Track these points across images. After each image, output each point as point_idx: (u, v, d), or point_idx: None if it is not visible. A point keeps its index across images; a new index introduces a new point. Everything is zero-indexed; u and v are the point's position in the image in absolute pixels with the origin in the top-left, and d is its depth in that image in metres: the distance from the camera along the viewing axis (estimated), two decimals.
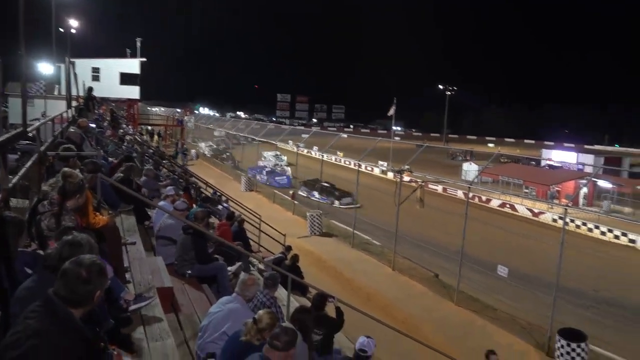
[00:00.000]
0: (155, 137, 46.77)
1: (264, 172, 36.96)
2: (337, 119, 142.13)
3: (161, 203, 9.17)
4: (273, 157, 44.14)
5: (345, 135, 42.74)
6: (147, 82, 43.78)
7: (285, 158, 43.75)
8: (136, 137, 23.98)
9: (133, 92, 38.49)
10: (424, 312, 13.85)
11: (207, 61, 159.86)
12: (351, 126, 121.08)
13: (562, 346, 10.42)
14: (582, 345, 10.35)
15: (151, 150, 20.92)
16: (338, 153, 46.05)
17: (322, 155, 31.43)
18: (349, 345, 7.55)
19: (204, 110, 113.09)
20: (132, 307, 4.66)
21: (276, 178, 35.62)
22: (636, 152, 78.93)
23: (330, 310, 7.25)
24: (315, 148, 46.92)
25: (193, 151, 48.57)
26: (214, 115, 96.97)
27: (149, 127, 50.07)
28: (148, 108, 75.73)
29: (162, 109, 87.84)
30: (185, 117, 60.15)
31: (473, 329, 12.96)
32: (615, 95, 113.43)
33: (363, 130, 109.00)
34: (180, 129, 52.06)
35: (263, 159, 43.81)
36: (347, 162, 44.25)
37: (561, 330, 10.70)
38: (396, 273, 17.29)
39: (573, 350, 10.35)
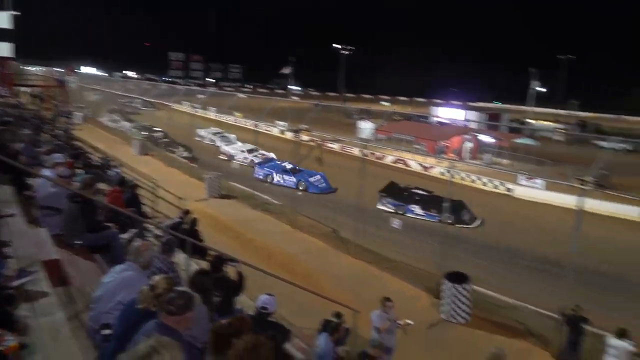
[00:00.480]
0: (36, 99, 42.77)
1: (285, 172, 26.42)
2: (234, 78, 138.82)
3: (47, 171, 8.52)
4: (215, 136, 36.43)
5: (243, 95, 42.02)
6: (25, 39, 39.41)
7: (234, 136, 36.16)
8: (11, 99, 21.81)
9: (4, 49, 34.71)
10: (324, 266, 14.36)
11: (93, 16, 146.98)
12: (248, 86, 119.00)
13: (448, 288, 11.36)
14: (465, 286, 11.35)
15: (28, 114, 19.19)
16: (236, 114, 45.27)
17: (220, 117, 30.77)
18: (251, 304, 7.67)
19: (90, 70, 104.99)
20: (15, 283, 4.37)
21: (310, 179, 25.63)
22: (514, 108, 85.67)
23: (233, 272, 7.31)
24: (212, 109, 45.79)
25: (79, 114, 44.94)
26: (101, 75, 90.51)
27: (24, 89, 45.68)
28: (24, 67, 68.82)
29: (43, 68, 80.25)
30: (68, 77, 55.48)
31: (370, 279, 13.68)
32: (498, 54, 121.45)
33: (261, 90, 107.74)
34: (63, 90, 47.99)
35: (199, 138, 36.11)
36: (246, 123, 43.74)
37: (447, 274, 11.63)
38: (296, 231, 17.64)
39: (458, 291, 11.32)
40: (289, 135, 36.49)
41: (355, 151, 35.04)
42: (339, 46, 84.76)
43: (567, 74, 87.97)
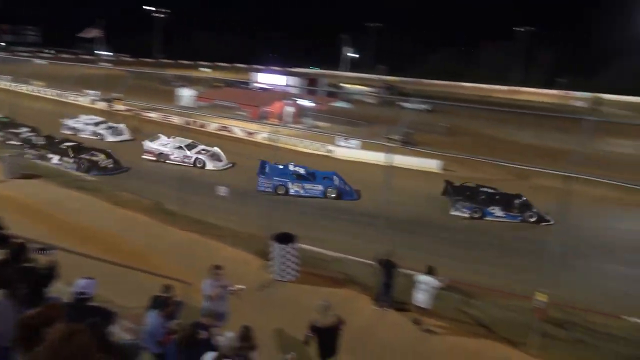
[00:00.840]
0: None
1: (303, 179, 21.39)
2: (31, 42, 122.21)
3: None
4: (99, 127, 28.92)
5: (42, 62, 37.41)
6: None
7: (124, 126, 29.43)
8: None
9: None
10: (151, 241, 13.76)
11: None
12: (49, 51, 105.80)
13: (276, 249, 11.74)
14: (292, 245, 11.85)
15: None
16: (35, 82, 40.16)
17: (15, 86, 27.06)
18: (69, 291, 7.07)
19: None
20: None
21: (334, 183, 21.50)
22: (330, 73, 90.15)
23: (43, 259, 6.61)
24: (5, 77, 39.96)
25: None
26: None
27: None
28: None
29: None
30: None
31: (200, 249, 13.50)
32: (313, 21, 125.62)
33: (64, 55, 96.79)
34: None
35: (69, 131, 28.37)
36: (48, 93, 39.17)
37: (274, 236, 11.97)
38: (117, 207, 16.54)
39: (286, 251, 11.76)
40: (100, 105, 33.75)
41: (176, 120, 33.83)
42: (152, 8, 79.75)
43: (375, 41, 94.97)
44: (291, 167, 21.85)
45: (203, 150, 25.11)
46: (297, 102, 37.80)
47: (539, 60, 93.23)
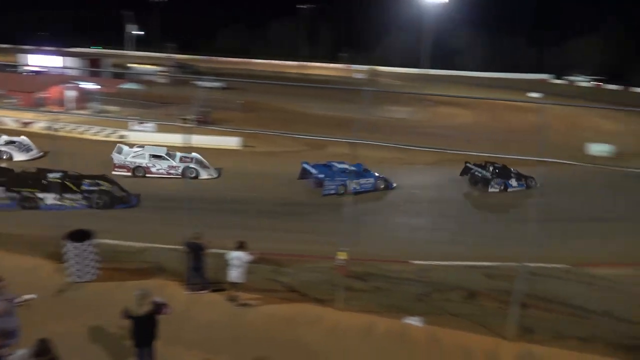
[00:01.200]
0: None
1: (357, 175, 19.84)
2: None
3: None
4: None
5: None
6: None
7: (26, 139, 24.05)
8: None
9: None
10: None
11: None
12: None
13: (71, 248, 10.62)
14: (89, 242, 10.83)
15: None
16: None
17: None
18: None
19: None
20: None
21: (375, 174, 21.13)
22: (114, 53, 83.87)
23: None
24: None
25: None
26: None
27: None
28: None
29: None
30: None
31: None
32: None
33: None
34: None
35: None
36: None
37: (67, 234, 10.78)
38: None
39: (82, 249, 10.70)
40: None
41: None
42: None
43: (160, 18, 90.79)
44: (336, 164, 20.92)
45: (184, 157, 21.54)
46: (79, 85, 34.47)
47: (322, 36, 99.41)
